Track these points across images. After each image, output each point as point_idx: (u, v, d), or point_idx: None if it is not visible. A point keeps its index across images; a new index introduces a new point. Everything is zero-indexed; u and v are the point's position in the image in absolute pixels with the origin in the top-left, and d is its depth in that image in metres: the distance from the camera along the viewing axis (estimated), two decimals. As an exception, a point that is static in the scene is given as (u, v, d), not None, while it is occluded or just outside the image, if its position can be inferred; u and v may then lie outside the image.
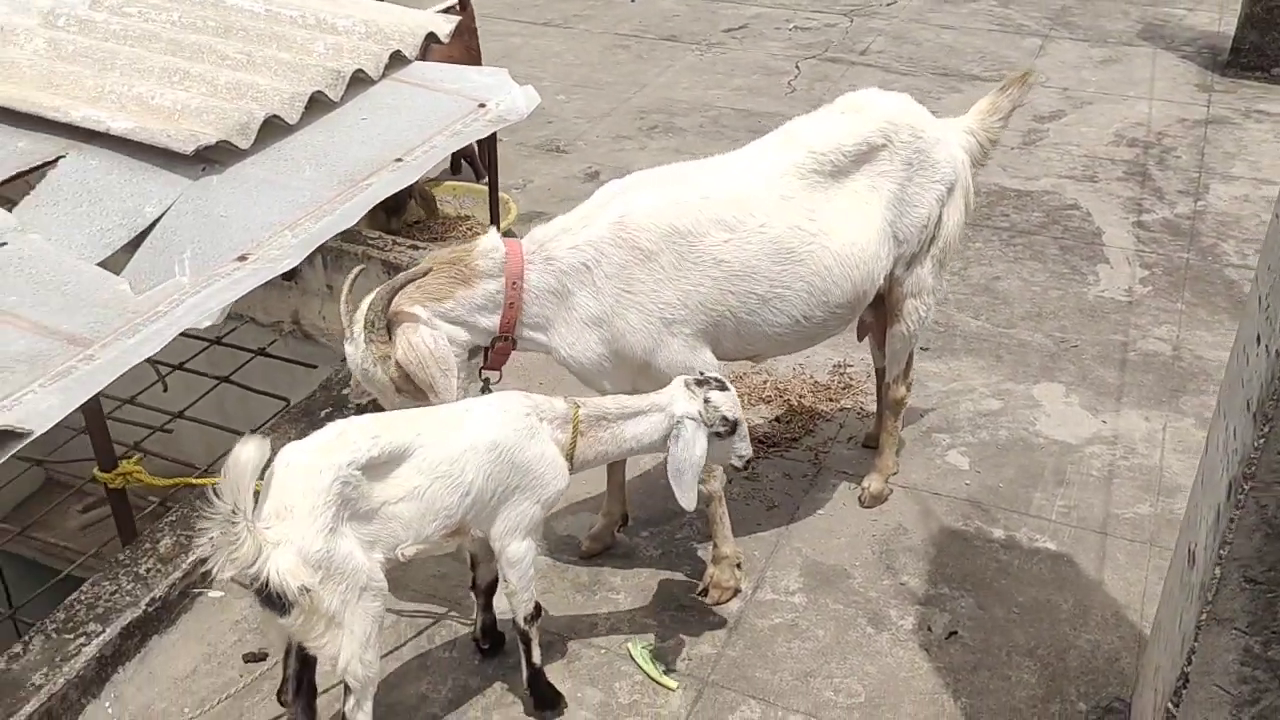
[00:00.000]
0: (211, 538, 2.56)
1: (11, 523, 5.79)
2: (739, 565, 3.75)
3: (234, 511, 2.52)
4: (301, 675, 2.97)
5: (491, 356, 3.43)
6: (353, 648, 2.78)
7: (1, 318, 3.21)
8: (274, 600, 2.63)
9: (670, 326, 3.33)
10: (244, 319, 5.69)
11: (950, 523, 4.10)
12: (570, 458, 3.04)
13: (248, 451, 2.53)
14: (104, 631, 3.34)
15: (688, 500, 3.05)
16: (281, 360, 5.51)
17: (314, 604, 2.68)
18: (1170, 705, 2.45)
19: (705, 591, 3.74)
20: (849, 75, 8.08)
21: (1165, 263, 5.79)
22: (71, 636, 3.32)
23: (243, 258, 3.59)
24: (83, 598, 3.46)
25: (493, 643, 3.53)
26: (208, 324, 3.36)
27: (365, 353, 3.17)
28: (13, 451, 2.74)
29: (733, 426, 3.07)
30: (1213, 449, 2.62)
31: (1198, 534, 2.55)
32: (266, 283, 3.55)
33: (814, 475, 4.33)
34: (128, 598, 3.46)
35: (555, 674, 3.45)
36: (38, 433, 2.78)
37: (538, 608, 3.21)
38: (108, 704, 3.33)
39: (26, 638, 3.32)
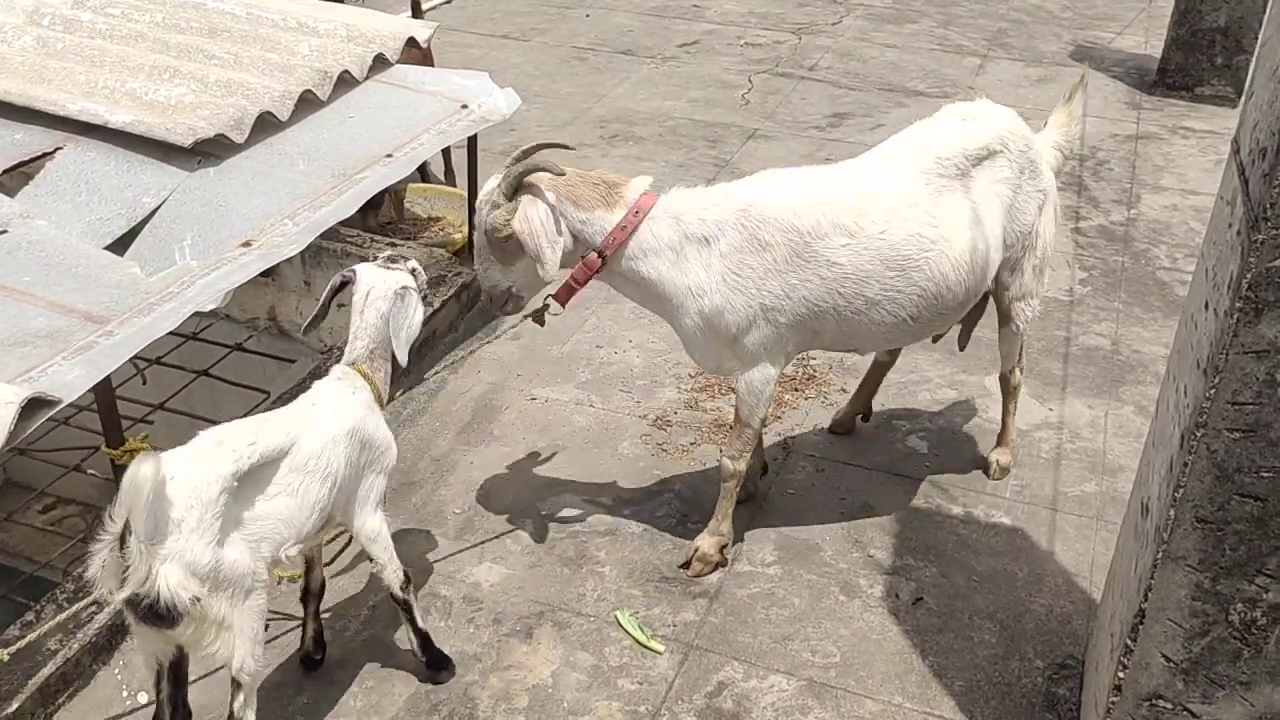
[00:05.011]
0: (101, 561, 2.56)
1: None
2: (725, 545, 3.96)
3: (124, 535, 2.52)
4: (175, 697, 2.97)
5: (572, 277, 3.58)
6: (245, 646, 2.81)
7: (18, 296, 3.33)
8: (162, 614, 2.61)
9: (768, 313, 3.51)
10: (219, 315, 5.77)
11: (912, 501, 4.35)
12: (381, 403, 3.25)
13: (144, 471, 2.47)
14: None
15: (405, 356, 3.23)
16: (258, 355, 5.61)
17: (204, 612, 2.69)
18: (1128, 640, 2.70)
19: (688, 564, 3.95)
20: (800, 89, 8.39)
21: (1102, 265, 6.14)
22: (84, 605, 3.41)
23: (247, 244, 3.74)
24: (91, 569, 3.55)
25: (322, 653, 3.57)
26: (215, 306, 3.50)
27: (490, 201, 3.43)
28: (43, 419, 2.86)
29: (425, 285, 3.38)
30: (1163, 412, 2.89)
31: (1151, 487, 2.82)
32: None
33: (783, 458, 4.56)
34: (135, 570, 3.57)
35: (547, 641, 3.64)
36: (66, 401, 2.91)
37: (407, 575, 3.33)
38: (117, 671, 3.44)
39: (38, 606, 3.41)
